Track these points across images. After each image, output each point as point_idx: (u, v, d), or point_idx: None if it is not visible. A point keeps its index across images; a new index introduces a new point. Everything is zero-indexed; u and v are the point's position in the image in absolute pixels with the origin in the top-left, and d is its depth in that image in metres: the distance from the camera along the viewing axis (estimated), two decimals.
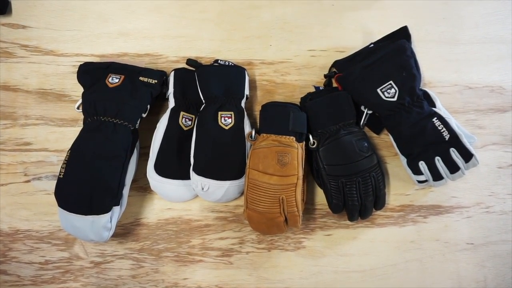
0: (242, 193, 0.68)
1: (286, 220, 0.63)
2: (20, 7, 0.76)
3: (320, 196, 0.70)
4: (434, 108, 0.65)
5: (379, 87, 0.65)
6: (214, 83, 0.67)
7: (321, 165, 0.65)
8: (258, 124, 0.70)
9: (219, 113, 0.66)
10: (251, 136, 0.65)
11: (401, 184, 0.71)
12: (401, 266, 0.68)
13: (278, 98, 0.74)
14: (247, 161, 0.64)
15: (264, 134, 0.64)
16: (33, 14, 0.76)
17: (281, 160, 0.62)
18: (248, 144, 0.66)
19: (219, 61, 0.70)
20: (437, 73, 0.74)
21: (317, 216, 0.70)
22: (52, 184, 0.62)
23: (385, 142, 0.72)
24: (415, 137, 0.64)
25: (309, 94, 0.71)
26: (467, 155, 0.63)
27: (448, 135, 0.63)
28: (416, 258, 0.68)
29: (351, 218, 0.66)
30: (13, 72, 0.74)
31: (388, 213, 0.70)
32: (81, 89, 0.67)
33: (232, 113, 0.66)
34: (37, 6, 0.76)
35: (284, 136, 0.63)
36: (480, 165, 0.65)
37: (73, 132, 0.70)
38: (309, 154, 0.67)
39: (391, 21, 0.75)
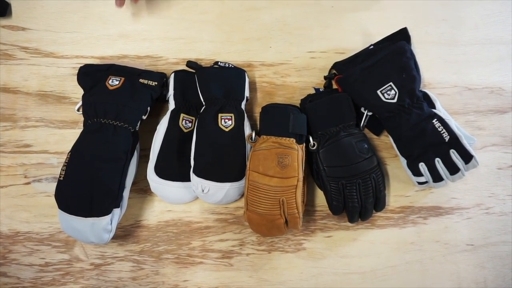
0: (242, 195, 0.68)
1: (286, 222, 0.62)
2: (20, 9, 0.76)
3: (320, 197, 0.70)
4: (434, 110, 0.66)
5: (379, 88, 0.65)
6: (214, 85, 0.67)
7: (321, 167, 0.65)
8: (258, 126, 0.70)
9: (219, 115, 0.66)
10: (251, 138, 0.65)
11: (401, 186, 0.71)
12: (401, 268, 0.68)
13: (278, 100, 0.74)
14: (247, 163, 0.63)
15: (264, 136, 0.64)
16: (33, 16, 0.76)
17: (281, 162, 0.62)
18: (248, 146, 0.66)
19: (219, 63, 0.70)
20: (437, 74, 0.75)
21: (317, 218, 0.70)
22: (52, 186, 0.62)
23: (385, 144, 0.72)
24: (415, 139, 0.64)
25: (309, 95, 0.71)
26: (467, 156, 0.63)
27: (448, 137, 0.63)
28: (416, 259, 0.68)
29: (351, 220, 0.66)
30: (13, 74, 0.74)
31: (388, 214, 0.70)
32: (81, 91, 0.67)
33: (232, 115, 0.66)
34: (37, 8, 0.76)
35: (284, 138, 0.63)
36: (480, 166, 0.65)
37: (73, 134, 0.70)
38: (309, 156, 0.67)
39: (391, 22, 0.75)
